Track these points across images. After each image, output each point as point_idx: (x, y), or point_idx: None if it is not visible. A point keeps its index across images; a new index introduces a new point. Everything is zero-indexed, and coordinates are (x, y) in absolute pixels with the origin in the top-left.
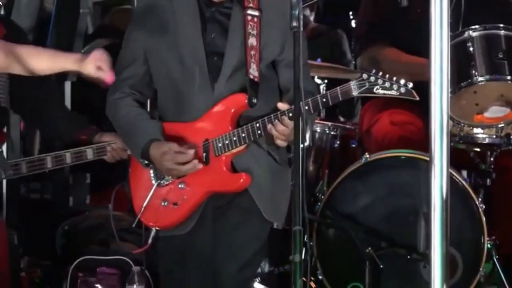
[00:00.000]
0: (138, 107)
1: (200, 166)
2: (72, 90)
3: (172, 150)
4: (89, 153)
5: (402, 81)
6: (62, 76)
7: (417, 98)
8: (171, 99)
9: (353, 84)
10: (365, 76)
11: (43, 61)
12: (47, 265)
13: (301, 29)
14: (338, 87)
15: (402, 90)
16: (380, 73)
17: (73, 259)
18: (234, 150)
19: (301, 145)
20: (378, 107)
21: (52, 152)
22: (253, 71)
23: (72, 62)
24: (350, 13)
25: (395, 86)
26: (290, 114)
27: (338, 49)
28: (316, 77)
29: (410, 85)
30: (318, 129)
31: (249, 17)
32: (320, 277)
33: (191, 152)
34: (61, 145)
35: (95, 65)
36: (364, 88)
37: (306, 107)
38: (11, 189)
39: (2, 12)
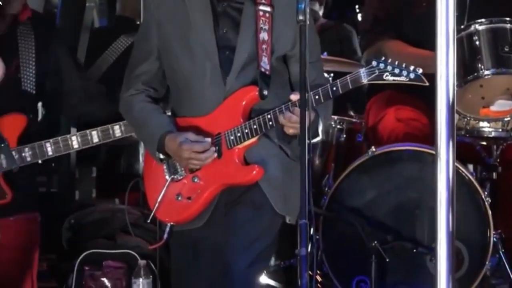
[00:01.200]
0: (151, 103)
1: (216, 154)
2: None
3: (189, 140)
4: (117, 130)
5: (412, 67)
6: None
7: (427, 84)
8: (183, 94)
9: (362, 72)
10: (374, 63)
11: None
12: (53, 258)
13: (307, 23)
14: (348, 75)
15: (412, 76)
16: (390, 60)
17: (79, 252)
18: (246, 143)
19: (307, 139)
20: (383, 102)
21: (77, 132)
22: (264, 64)
23: None
24: (356, 7)
25: (404, 72)
26: None
27: (348, 46)
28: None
29: (420, 70)
30: None
31: (261, 13)
32: (326, 270)
33: (208, 140)
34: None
35: None
36: (373, 75)
37: (317, 97)
38: None
39: None
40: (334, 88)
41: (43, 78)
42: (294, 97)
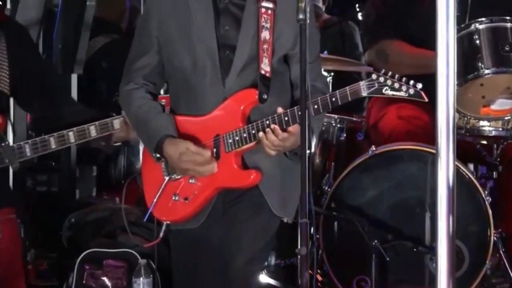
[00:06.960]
0: (152, 100)
1: (216, 170)
2: (78, 82)
3: (190, 151)
4: (92, 130)
5: (411, 82)
6: (68, 69)
7: (426, 100)
8: (182, 91)
9: (362, 84)
10: (374, 76)
11: None
12: (54, 257)
13: (308, 21)
14: (347, 87)
15: (411, 91)
16: (390, 73)
17: (79, 251)
18: (244, 147)
19: (307, 139)
20: (384, 101)
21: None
22: (265, 66)
23: None
24: (357, 6)
25: (404, 87)
26: (300, 113)
27: (350, 41)
28: (322, 69)
29: (419, 86)
30: (325, 122)
31: (263, 10)
32: (326, 270)
33: (208, 153)
34: None
35: None
36: (373, 88)
37: (315, 106)
38: (17, 182)
39: (8, 6)
40: (334, 99)
41: (16, 80)
42: (281, 110)
